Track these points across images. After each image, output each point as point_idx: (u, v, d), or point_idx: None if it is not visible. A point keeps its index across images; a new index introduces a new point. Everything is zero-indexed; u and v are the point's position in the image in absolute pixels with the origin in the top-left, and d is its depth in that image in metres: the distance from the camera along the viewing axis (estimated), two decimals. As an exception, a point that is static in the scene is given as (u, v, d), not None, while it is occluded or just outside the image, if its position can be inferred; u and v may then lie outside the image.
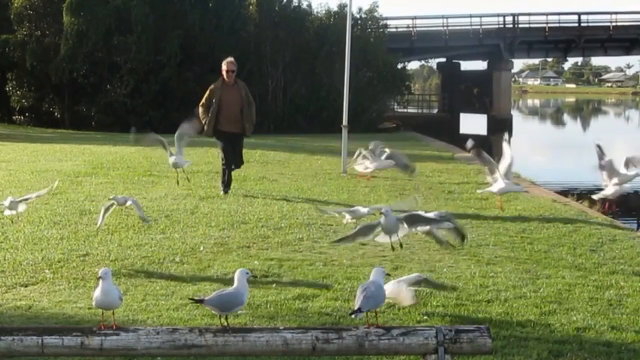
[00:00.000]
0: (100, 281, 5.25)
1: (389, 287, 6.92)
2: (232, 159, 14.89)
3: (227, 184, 14.85)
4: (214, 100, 14.69)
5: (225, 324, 5.21)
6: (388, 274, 6.74)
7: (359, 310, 5.32)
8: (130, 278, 8.50)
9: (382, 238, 8.05)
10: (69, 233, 10.71)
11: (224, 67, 14.93)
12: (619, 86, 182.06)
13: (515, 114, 73.04)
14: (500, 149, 12.02)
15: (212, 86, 15.01)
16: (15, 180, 15.97)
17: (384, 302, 5.53)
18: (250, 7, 42.43)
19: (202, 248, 9.98)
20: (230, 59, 15.06)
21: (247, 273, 5.39)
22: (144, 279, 8.48)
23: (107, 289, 5.25)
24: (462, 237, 8.43)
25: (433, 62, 79.40)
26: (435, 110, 65.13)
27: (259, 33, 41.37)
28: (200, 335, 5.04)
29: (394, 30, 55.16)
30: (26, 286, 8.21)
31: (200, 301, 5.38)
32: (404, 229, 7.89)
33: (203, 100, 14.88)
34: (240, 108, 14.77)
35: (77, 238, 10.41)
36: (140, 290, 8.02)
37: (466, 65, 69.39)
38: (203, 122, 14.69)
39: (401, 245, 8.24)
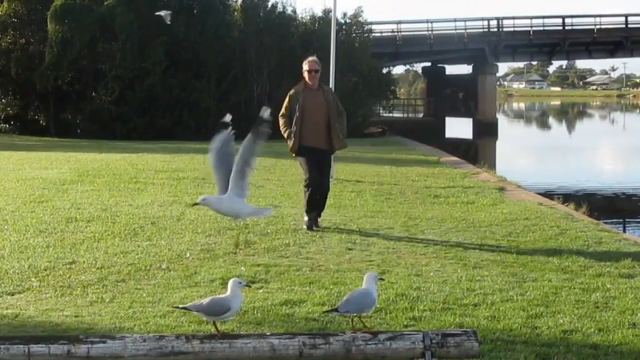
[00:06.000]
0: None
1: None
2: (318, 183, 12.13)
3: (314, 216, 12.03)
4: (296, 109, 12.11)
5: (213, 330, 5.21)
6: (382, 279, 6.76)
7: (336, 310, 5.32)
8: (117, 286, 8.47)
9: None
10: (56, 241, 10.66)
11: (305, 67, 12.27)
12: (604, 89, 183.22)
13: (500, 117, 73.34)
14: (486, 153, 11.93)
15: (292, 91, 12.34)
16: (1, 189, 15.90)
17: (370, 309, 5.48)
18: (235, 13, 42.43)
19: (188, 255, 9.95)
20: (313, 57, 12.40)
21: (241, 283, 5.37)
22: (131, 287, 8.45)
23: None
24: None
25: (418, 67, 79.98)
26: (421, 115, 65.39)
27: (244, 39, 41.32)
28: (187, 343, 5.04)
29: (379, 35, 55.24)
30: (12, 295, 8.17)
31: (186, 308, 5.38)
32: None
33: (283, 110, 12.26)
34: (327, 118, 12.17)
35: (64, 246, 10.37)
36: (127, 298, 7.99)
37: (451, 70, 69.90)
38: (286, 135, 12.22)
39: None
